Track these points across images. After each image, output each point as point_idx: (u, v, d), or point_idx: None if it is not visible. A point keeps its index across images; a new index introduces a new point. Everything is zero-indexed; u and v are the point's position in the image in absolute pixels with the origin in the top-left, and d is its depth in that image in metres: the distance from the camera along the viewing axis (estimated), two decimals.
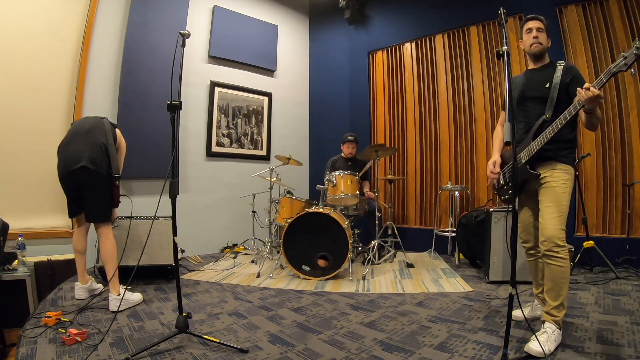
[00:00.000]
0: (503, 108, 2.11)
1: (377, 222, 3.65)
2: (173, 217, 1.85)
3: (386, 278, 3.18)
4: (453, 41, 4.37)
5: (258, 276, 3.23)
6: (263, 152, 5.03)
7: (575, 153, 1.90)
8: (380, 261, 3.73)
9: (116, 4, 3.76)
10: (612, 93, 3.36)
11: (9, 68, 3.15)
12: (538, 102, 1.85)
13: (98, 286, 2.63)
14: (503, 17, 1.64)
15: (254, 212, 4.23)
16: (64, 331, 1.85)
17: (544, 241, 1.72)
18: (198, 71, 4.40)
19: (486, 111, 4.11)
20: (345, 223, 3.13)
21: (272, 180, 3.83)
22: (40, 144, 3.24)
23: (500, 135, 2.10)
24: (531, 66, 1.97)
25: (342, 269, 3.11)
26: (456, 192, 3.99)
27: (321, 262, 3.14)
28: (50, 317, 2.02)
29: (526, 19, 1.94)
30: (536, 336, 1.61)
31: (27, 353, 1.69)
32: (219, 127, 4.60)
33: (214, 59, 4.56)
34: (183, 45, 1.89)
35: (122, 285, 2.39)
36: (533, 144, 1.79)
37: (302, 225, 3.14)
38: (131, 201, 2.87)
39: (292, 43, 5.45)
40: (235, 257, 4.05)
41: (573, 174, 1.82)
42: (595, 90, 1.50)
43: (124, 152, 2.73)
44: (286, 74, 5.32)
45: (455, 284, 2.95)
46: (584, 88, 1.53)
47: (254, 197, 4.22)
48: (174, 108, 1.82)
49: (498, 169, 2.00)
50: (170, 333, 1.83)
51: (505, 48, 1.58)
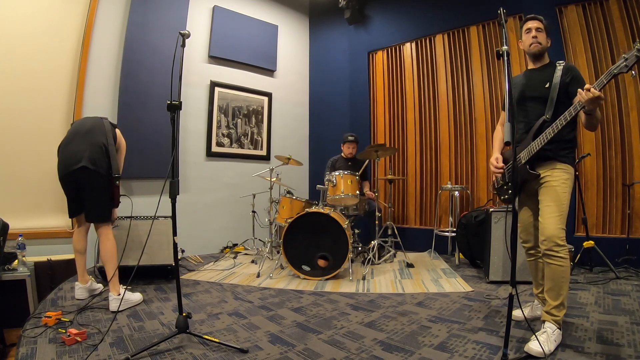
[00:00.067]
0: (503, 108, 2.11)
1: (377, 222, 3.66)
2: (173, 217, 1.86)
3: (386, 278, 3.18)
4: (453, 41, 4.37)
5: (258, 276, 3.23)
6: (263, 152, 5.03)
7: (575, 153, 1.90)
8: (380, 261, 3.73)
9: (116, 4, 3.76)
10: (612, 93, 3.36)
11: (9, 68, 3.15)
12: (538, 102, 1.85)
13: (98, 286, 2.63)
14: (503, 17, 1.64)
15: (254, 212, 4.23)
16: (64, 331, 1.85)
17: (544, 241, 1.72)
18: (198, 71, 4.40)
19: (486, 111, 4.11)
20: (345, 223, 3.13)
21: (272, 180, 3.83)
22: (40, 144, 3.24)
23: (500, 135, 2.10)
24: (531, 66, 1.97)
25: (342, 269, 3.12)
26: (456, 192, 3.99)
27: (321, 262, 3.14)
28: (50, 317, 2.02)
29: (525, 19, 1.94)
30: (536, 336, 1.61)
31: (27, 353, 1.69)
32: (219, 127, 4.60)
33: (214, 59, 4.56)
34: (183, 45, 1.89)
35: (122, 285, 2.39)
36: (533, 144, 1.79)
37: (302, 225, 3.14)
38: (131, 201, 2.88)
39: (292, 43, 5.45)
40: (235, 257, 4.05)
41: (573, 174, 1.82)
42: (595, 91, 1.50)
43: (124, 152, 2.73)
44: (286, 74, 5.32)
45: (455, 284, 2.95)
46: (585, 89, 1.53)
47: (254, 197, 4.22)
48: (174, 108, 1.82)
49: (502, 164, 1.98)
50: (170, 333, 1.83)
51: (505, 48, 1.58)
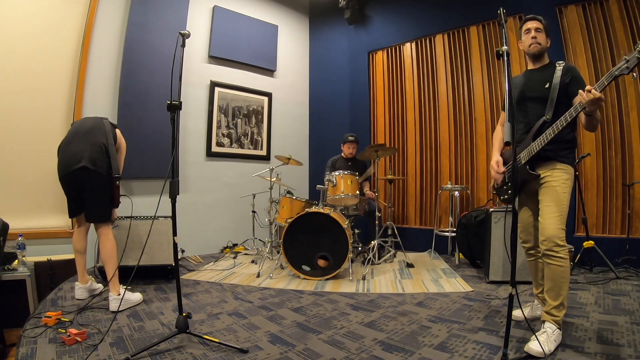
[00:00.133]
0: (503, 108, 2.11)
1: (377, 222, 3.66)
2: (173, 217, 1.86)
3: (386, 278, 3.18)
4: (453, 41, 4.37)
5: (258, 276, 3.23)
6: (263, 152, 5.03)
7: (575, 153, 1.90)
8: (380, 261, 3.73)
9: (116, 4, 3.76)
10: (612, 93, 3.36)
11: (9, 68, 3.15)
12: (538, 103, 1.85)
13: (98, 286, 2.63)
14: (503, 17, 1.64)
15: (254, 212, 4.23)
16: (64, 331, 1.85)
17: (544, 241, 1.72)
18: (198, 71, 4.40)
19: (486, 111, 4.11)
20: (345, 223, 3.13)
21: (272, 180, 3.83)
22: (40, 144, 3.24)
23: (500, 135, 2.09)
24: (530, 66, 1.97)
25: (342, 269, 3.12)
26: (456, 192, 3.99)
27: (321, 262, 3.14)
28: (50, 317, 2.02)
29: (525, 20, 1.94)
30: (536, 336, 1.61)
31: (27, 353, 1.69)
32: (219, 127, 4.60)
33: (214, 59, 4.56)
34: (183, 45, 1.89)
35: (122, 285, 2.39)
36: (533, 145, 1.79)
37: (302, 225, 3.14)
38: (131, 201, 2.88)
39: (292, 43, 5.45)
40: (235, 257, 4.05)
41: (573, 174, 1.82)
42: (596, 92, 1.50)
43: (124, 153, 2.73)
44: (286, 74, 5.32)
45: (455, 284, 2.95)
46: (586, 90, 1.52)
47: (254, 197, 4.22)
48: (174, 108, 1.82)
49: (502, 168, 1.98)
50: (170, 333, 1.83)
51: (505, 48, 1.58)
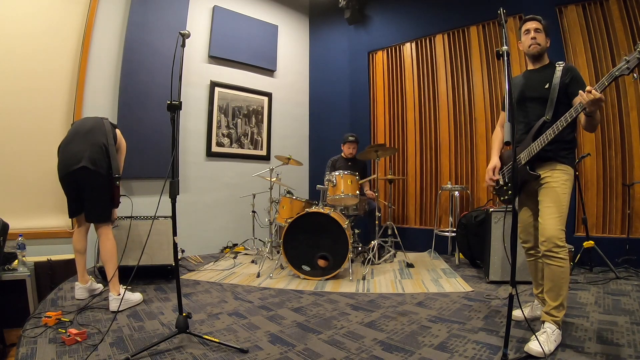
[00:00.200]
0: (503, 109, 2.11)
1: (377, 222, 3.66)
2: (173, 217, 1.86)
3: (386, 278, 3.18)
4: (453, 41, 4.37)
5: (258, 276, 3.23)
6: (263, 152, 5.03)
7: (575, 153, 1.90)
8: (380, 261, 3.73)
9: (116, 4, 3.76)
10: (612, 93, 3.36)
11: (9, 68, 3.15)
12: (538, 103, 1.85)
13: (98, 286, 2.63)
14: (503, 17, 1.64)
15: (254, 212, 4.23)
16: (64, 331, 1.85)
17: (544, 241, 1.72)
18: (198, 71, 4.40)
19: (486, 111, 4.11)
20: (345, 223, 3.13)
21: (272, 180, 3.83)
22: (40, 144, 3.24)
23: (499, 135, 2.10)
24: (530, 67, 1.97)
25: (342, 269, 3.12)
26: (456, 192, 3.99)
27: (321, 262, 3.14)
28: (50, 317, 2.02)
29: (524, 20, 1.94)
30: (536, 336, 1.61)
31: (27, 353, 1.69)
32: (219, 127, 4.60)
33: (214, 59, 4.56)
34: (183, 45, 1.89)
35: (122, 285, 2.39)
36: (533, 145, 1.79)
37: (302, 225, 3.14)
38: (131, 201, 2.88)
39: (292, 43, 5.45)
40: (235, 257, 4.05)
41: (573, 175, 1.82)
42: (596, 93, 1.50)
43: (124, 153, 2.73)
44: (286, 74, 5.32)
45: (455, 284, 2.95)
46: (586, 91, 1.52)
47: (254, 197, 4.22)
48: (174, 108, 1.82)
49: (497, 176, 2.00)
50: (170, 333, 1.83)
51: (505, 48, 1.58)
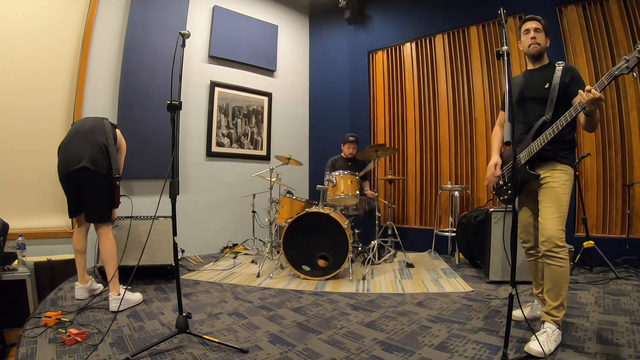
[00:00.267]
0: (502, 108, 2.11)
1: (377, 222, 3.66)
2: (173, 217, 1.86)
3: (386, 278, 3.18)
4: (453, 41, 4.37)
5: (258, 276, 3.23)
6: (263, 152, 5.03)
7: (575, 153, 1.90)
8: (380, 261, 3.73)
9: (116, 4, 3.76)
10: (612, 93, 3.36)
11: (9, 68, 3.15)
12: (537, 103, 1.85)
13: (98, 286, 2.63)
14: (503, 17, 1.64)
15: (254, 212, 4.23)
16: (64, 331, 1.85)
17: (544, 241, 1.72)
18: (198, 71, 4.40)
19: (486, 111, 4.11)
20: (345, 223, 3.13)
21: (272, 180, 3.83)
22: (40, 144, 3.24)
23: (499, 135, 2.09)
24: (530, 67, 1.97)
25: (342, 269, 3.12)
26: (456, 192, 3.99)
27: (321, 262, 3.14)
28: (50, 317, 2.02)
29: (524, 20, 1.94)
30: (536, 336, 1.61)
31: (27, 353, 1.69)
32: (219, 127, 4.60)
33: (214, 59, 4.56)
34: (183, 45, 1.89)
35: (122, 285, 2.39)
36: (533, 145, 1.79)
37: (302, 225, 3.14)
38: (131, 201, 2.88)
39: (292, 43, 5.45)
40: (235, 257, 4.05)
41: (573, 175, 1.82)
42: (596, 92, 1.50)
43: (125, 153, 2.73)
44: (286, 74, 5.32)
45: (455, 284, 2.95)
46: (585, 90, 1.52)
47: (254, 197, 4.22)
48: (174, 108, 1.82)
49: (499, 172, 1.99)
50: (170, 333, 1.83)
51: (505, 48, 1.58)
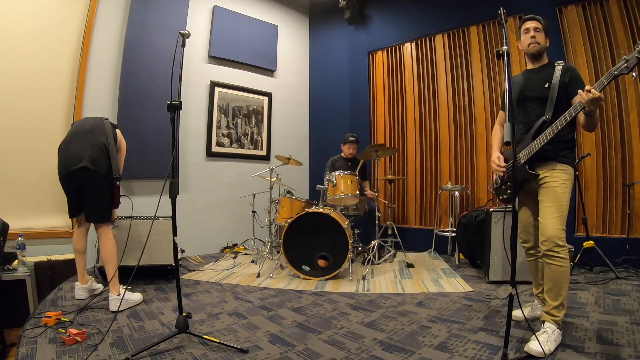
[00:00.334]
0: (502, 108, 2.11)
1: (377, 222, 3.66)
2: (173, 217, 1.86)
3: (386, 278, 3.18)
4: (453, 41, 4.37)
5: (258, 276, 3.23)
6: (263, 152, 5.03)
7: (574, 153, 1.90)
8: (380, 261, 3.73)
9: (116, 4, 3.76)
10: (612, 93, 3.36)
11: (9, 68, 3.15)
12: (537, 103, 1.85)
13: (98, 286, 2.63)
14: (503, 17, 1.64)
15: (254, 212, 4.23)
16: (64, 331, 1.85)
17: (545, 241, 1.72)
18: (198, 71, 4.40)
19: (486, 111, 4.11)
20: (345, 223, 3.13)
21: (272, 180, 3.83)
22: (40, 144, 3.24)
23: (499, 134, 2.09)
24: (530, 66, 1.97)
25: (342, 269, 3.12)
26: (456, 192, 3.99)
27: (321, 262, 3.14)
28: (50, 317, 2.02)
29: (524, 20, 1.94)
30: (536, 336, 1.61)
31: (27, 353, 1.69)
32: (219, 127, 4.60)
33: (214, 59, 4.56)
34: (183, 45, 1.89)
35: (122, 285, 2.39)
36: (533, 145, 1.79)
37: (302, 225, 3.14)
38: (131, 201, 2.88)
39: (292, 43, 5.45)
40: (235, 257, 4.05)
41: (572, 174, 1.82)
42: (596, 92, 1.50)
43: (125, 153, 2.73)
44: (286, 74, 5.32)
45: (455, 284, 2.95)
46: (585, 90, 1.52)
47: (254, 197, 4.22)
48: (174, 108, 1.82)
49: (504, 163, 1.95)
50: (170, 333, 1.83)
51: (505, 48, 1.58)
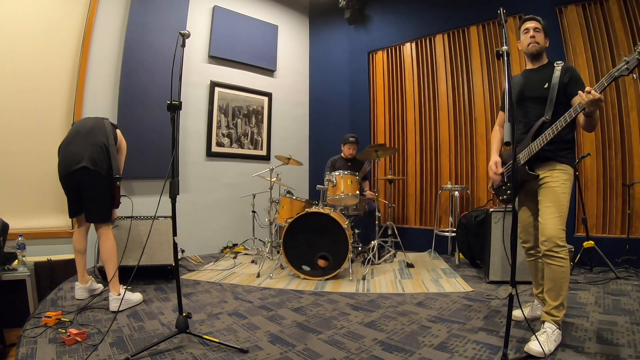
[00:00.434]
0: (502, 108, 2.11)
1: (377, 222, 3.66)
2: (173, 217, 1.86)
3: (386, 278, 3.18)
4: (453, 41, 4.37)
5: (258, 276, 3.23)
6: (263, 152, 5.03)
7: (574, 153, 1.90)
8: (380, 261, 3.73)
9: (116, 4, 3.76)
10: (612, 93, 3.35)
11: (9, 68, 3.15)
12: (537, 103, 1.85)
13: (98, 286, 2.63)
14: (503, 17, 1.64)
15: (254, 212, 4.23)
16: (64, 331, 1.85)
17: (545, 241, 1.72)
18: (198, 71, 4.40)
19: (486, 111, 4.11)
20: (345, 223, 3.13)
21: (272, 180, 3.83)
22: (40, 144, 3.24)
23: (499, 135, 2.10)
24: (529, 66, 1.97)
25: (342, 269, 3.12)
26: (456, 192, 3.99)
27: (321, 262, 3.14)
28: (50, 317, 2.02)
29: (523, 20, 1.94)
30: (536, 336, 1.61)
31: (27, 353, 1.69)
32: (219, 127, 4.60)
33: (214, 59, 4.56)
34: (183, 45, 1.89)
35: (122, 285, 2.39)
36: (532, 145, 1.79)
37: (302, 225, 3.14)
38: (131, 201, 2.88)
39: (292, 43, 5.45)
40: (235, 257, 4.05)
41: (572, 174, 1.82)
42: (596, 93, 1.50)
43: (125, 153, 2.73)
44: (286, 74, 5.32)
45: (455, 284, 2.95)
46: (585, 91, 1.53)
47: (254, 197, 4.22)
48: (174, 108, 1.82)
49: (501, 169, 2.00)
50: (170, 333, 1.83)
51: (505, 48, 1.58)
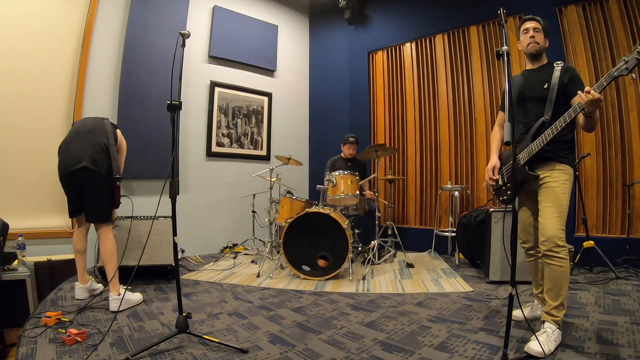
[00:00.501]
0: (502, 109, 2.11)
1: (377, 222, 3.66)
2: (173, 217, 1.86)
3: (386, 278, 3.18)
4: (453, 41, 4.37)
5: (258, 276, 3.23)
6: (263, 152, 5.03)
7: (574, 153, 1.90)
8: (380, 261, 3.73)
9: (116, 4, 3.76)
10: (612, 93, 3.35)
11: (9, 68, 3.15)
12: (537, 103, 1.85)
13: (98, 286, 2.63)
14: (503, 17, 1.64)
15: (254, 212, 4.23)
16: (64, 331, 1.85)
17: (545, 241, 1.72)
18: (198, 71, 4.40)
19: (486, 111, 4.11)
20: (345, 223, 3.13)
21: (272, 180, 3.83)
22: (40, 144, 3.24)
23: (498, 136, 2.10)
24: (529, 66, 1.97)
25: (342, 269, 3.12)
26: (456, 192, 3.99)
27: (321, 262, 3.14)
28: (50, 317, 2.02)
29: (523, 20, 1.94)
30: (536, 336, 1.61)
31: (27, 353, 1.69)
32: (219, 127, 4.60)
33: (214, 59, 4.56)
34: (183, 45, 1.89)
35: (122, 285, 2.39)
36: (532, 145, 1.79)
37: (302, 225, 3.14)
38: (131, 201, 2.87)
39: (292, 43, 5.45)
40: (235, 257, 4.05)
41: (572, 174, 1.82)
42: (595, 93, 1.50)
43: (125, 153, 2.73)
44: (286, 74, 5.32)
45: (455, 284, 2.95)
46: (585, 91, 1.53)
47: (254, 197, 4.22)
48: (174, 108, 1.82)
49: (497, 175, 2.01)
50: (170, 333, 1.83)
51: (505, 48, 1.58)
